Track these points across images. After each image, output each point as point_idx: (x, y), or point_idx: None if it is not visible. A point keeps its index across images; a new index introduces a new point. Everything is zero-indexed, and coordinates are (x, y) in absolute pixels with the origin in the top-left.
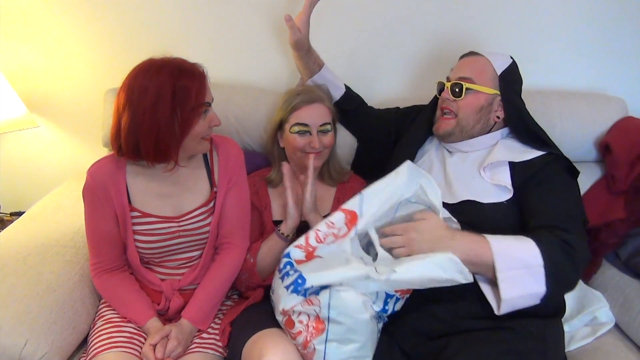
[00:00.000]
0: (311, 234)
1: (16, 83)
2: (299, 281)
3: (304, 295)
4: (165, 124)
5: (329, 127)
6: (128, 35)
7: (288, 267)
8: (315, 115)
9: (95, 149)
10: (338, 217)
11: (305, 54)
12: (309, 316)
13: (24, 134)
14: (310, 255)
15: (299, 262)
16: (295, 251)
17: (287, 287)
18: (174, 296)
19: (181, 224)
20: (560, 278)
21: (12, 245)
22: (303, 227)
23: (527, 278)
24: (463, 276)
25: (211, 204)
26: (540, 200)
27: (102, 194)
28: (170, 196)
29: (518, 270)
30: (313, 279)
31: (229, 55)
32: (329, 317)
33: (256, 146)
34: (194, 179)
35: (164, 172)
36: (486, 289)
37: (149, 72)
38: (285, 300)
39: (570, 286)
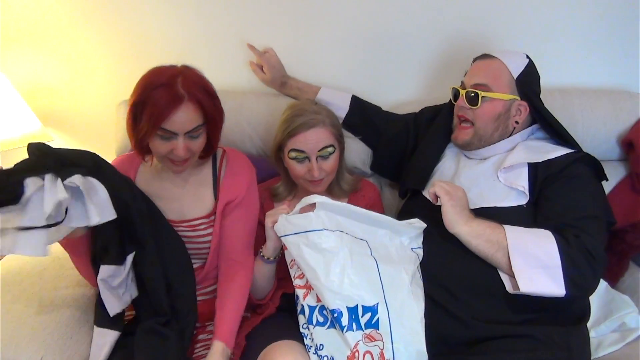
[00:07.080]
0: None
1: (30, 98)
2: (335, 315)
3: (359, 326)
4: (132, 121)
5: (330, 149)
6: (139, 47)
7: (315, 315)
8: (313, 140)
9: (109, 160)
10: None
11: (282, 88)
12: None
13: None
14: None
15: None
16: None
17: (343, 329)
18: None
19: (179, 228)
20: (579, 281)
21: (28, 259)
22: None
23: (546, 279)
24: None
25: (212, 217)
26: (557, 198)
27: None
28: (173, 200)
29: (535, 269)
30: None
31: (238, 61)
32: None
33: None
34: (199, 187)
35: (150, 169)
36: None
37: (152, 73)
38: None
39: (590, 291)
